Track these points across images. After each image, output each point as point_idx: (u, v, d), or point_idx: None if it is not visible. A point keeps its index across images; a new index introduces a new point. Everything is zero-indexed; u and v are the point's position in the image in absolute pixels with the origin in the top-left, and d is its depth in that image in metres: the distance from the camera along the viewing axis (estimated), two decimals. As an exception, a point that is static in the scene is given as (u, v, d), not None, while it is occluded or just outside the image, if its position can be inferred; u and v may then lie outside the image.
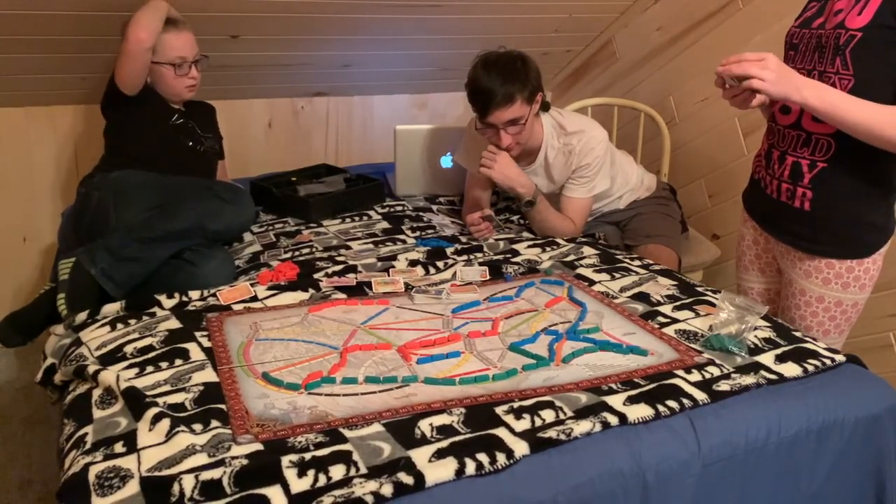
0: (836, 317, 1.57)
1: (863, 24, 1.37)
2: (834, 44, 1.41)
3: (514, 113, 1.95)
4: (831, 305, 1.55)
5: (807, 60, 1.49)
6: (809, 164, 1.49)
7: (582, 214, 2.16)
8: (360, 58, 2.76)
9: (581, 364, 1.38)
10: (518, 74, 1.95)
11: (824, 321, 1.57)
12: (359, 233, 2.16)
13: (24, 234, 2.61)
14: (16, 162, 2.53)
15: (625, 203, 2.30)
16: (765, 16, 2.39)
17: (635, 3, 2.85)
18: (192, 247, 1.81)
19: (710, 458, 1.20)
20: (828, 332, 1.59)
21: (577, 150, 2.08)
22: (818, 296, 1.55)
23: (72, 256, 1.73)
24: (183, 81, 2.07)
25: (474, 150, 2.20)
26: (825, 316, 1.57)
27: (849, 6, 1.41)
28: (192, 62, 2.07)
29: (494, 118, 1.96)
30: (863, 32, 1.37)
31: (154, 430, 1.14)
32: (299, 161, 2.84)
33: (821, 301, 1.56)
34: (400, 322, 1.57)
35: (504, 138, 2.00)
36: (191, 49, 2.07)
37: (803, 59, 1.50)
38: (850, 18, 1.39)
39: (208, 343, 1.44)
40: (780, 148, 1.56)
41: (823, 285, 1.54)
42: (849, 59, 1.39)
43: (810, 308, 1.57)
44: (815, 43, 1.47)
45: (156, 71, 2.03)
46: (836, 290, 1.54)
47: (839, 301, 1.55)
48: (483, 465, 1.07)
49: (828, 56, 1.43)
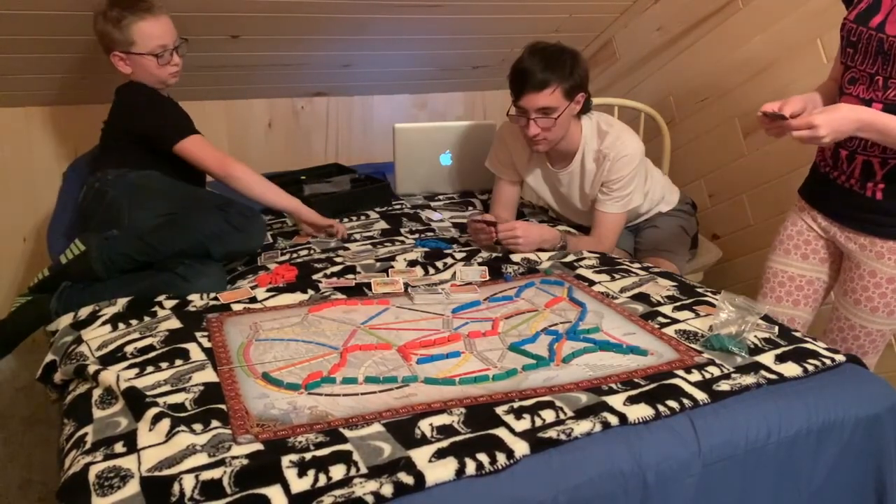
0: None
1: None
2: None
3: (546, 101, 1.90)
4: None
5: (868, 63, 1.50)
6: (881, 161, 1.52)
7: (615, 231, 2.09)
8: (360, 58, 2.76)
9: (581, 364, 1.38)
10: (561, 65, 1.91)
11: (891, 301, 1.61)
12: (357, 234, 2.16)
13: (24, 234, 2.62)
14: (16, 162, 2.52)
15: (644, 214, 2.29)
16: (765, 16, 2.40)
17: (635, 3, 2.85)
18: (186, 261, 1.76)
19: (711, 458, 1.20)
20: (893, 313, 1.62)
21: (610, 158, 2.03)
22: (889, 276, 1.58)
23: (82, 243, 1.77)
24: (166, 69, 1.98)
25: (505, 156, 2.20)
26: (893, 296, 1.60)
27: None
28: (173, 49, 1.97)
29: (526, 101, 1.91)
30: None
31: (154, 430, 1.14)
32: (299, 161, 2.84)
33: (891, 282, 1.59)
34: (400, 322, 1.57)
35: (532, 127, 1.94)
36: (170, 35, 1.96)
37: (864, 60, 1.50)
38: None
39: (208, 343, 1.44)
40: (847, 147, 1.56)
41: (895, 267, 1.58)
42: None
43: (880, 289, 1.60)
44: (877, 47, 1.47)
45: (137, 62, 1.94)
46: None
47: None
48: (483, 465, 1.07)
49: (893, 63, 1.45)
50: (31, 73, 2.34)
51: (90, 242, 1.76)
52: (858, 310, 1.63)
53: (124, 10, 1.90)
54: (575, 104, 1.97)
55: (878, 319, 1.62)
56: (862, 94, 1.51)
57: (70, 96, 2.50)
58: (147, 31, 1.92)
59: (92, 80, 2.38)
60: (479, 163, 2.34)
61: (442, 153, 2.51)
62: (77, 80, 2.41)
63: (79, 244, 1.77)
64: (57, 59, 2.29)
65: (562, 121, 1.95)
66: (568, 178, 2.13)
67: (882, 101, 1.48)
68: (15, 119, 2.49)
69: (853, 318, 1.65)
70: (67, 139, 2.58)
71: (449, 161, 2.52)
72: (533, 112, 1.93)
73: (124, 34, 1.90)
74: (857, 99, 1.52)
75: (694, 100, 2.71)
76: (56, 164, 2.56)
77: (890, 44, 1.44)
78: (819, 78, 1.73)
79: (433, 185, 2.57)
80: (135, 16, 1.90)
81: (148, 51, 1.93)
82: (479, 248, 2.03)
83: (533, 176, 2.22)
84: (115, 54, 1.94)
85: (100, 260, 1.74)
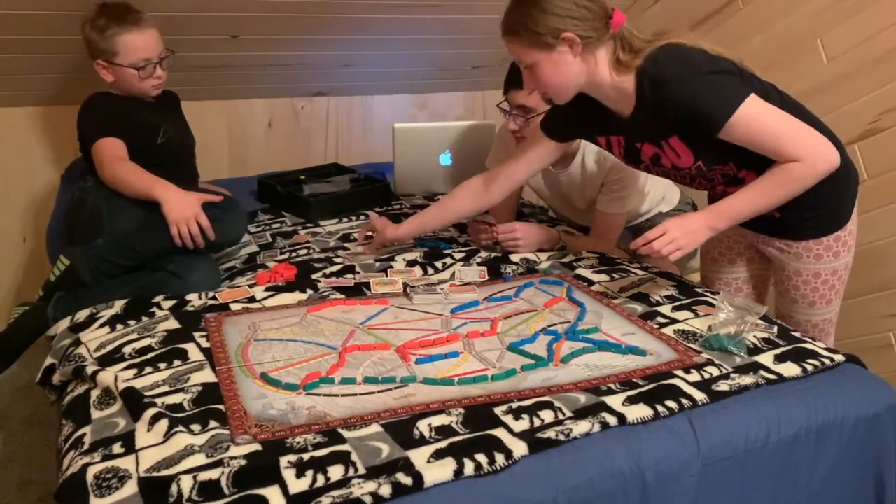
0: (834, 285, 1.66)
1: (692, 161, 1.54)
2: (690, 175, 1.59)
3: (526, 99, 1.92)
4: (829, 276, 1.63)
5: (675, 179, 1.67)
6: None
7: (615, 231, 2.10)
8: (360, 58, 2.76)
9: (580, 364, 1.38)
10: None
11: (826, 293, 1.64)
12: (357, 234, 2.16)
13: (24, 234, 2.62)
14: (16, 162, 2.53)
15: (644, 214, 2.29)
16: (765, 16, 2.39)
17: (635, 3, 2.85)
18: (175, 258, 1.77)
19: (710, 458, 1.20)
20: (830, 302, 1.66)
21: (611, 158, 2.00)
22: (815, 272, 1.62)
23: (69, 257, 1.78)
24: (148, 82, 1.97)
25: (504, 156, 2.19)
26: (825, 288, 1.64)
27: (662, 153, 1.56)
28: (156, 63, 1.96)
29: (510, 97, 1.97)
30: (701, 160, 1.53)
31: (152, 431, 1.14)
32: (299, 161, 2.85)
33: (818, 276, 1.62)
34: (399, 322, 1.57)
35: (510, 122, 1.99)
36: (155, 48, 1.94)
37: (669, 177, 1.68)
38: (678, 162, 1.55)
39: (207, 343, 1.44)
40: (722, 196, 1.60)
41: (816, 261, 1.61)
42: (715, 170, 1.56)
43: (809, 285, 1.64)
44: (665, 174, 1.64)
45: (119, 72, 1.94)
46: (829, 262, 1.61)
47: (834, 270, 1.62)
48: (482, 466, 1.07)
49: (693, 179, 1.61)
50: (31, 73, 2.35)
51: (74, 256, 1.78)
52: (797, 307, 1.68)
53: (111, 20, 1.90)
54: None
55: (817, 311, 1.67)
56: (700, 188, 1.65)
57: (70, 96, 2.50)
58: (131, 44, 1.91)
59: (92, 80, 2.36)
60: (479, 163, 2.33)
61: (442, 153, 2.51)
62: (77, 80, 2.41)
63: (63, 260, 1.79)
64: (57, 59, 2.29)
65: (538, 123, 1.95)
66: (568, 179, 2.13)
67: (721, 184, 1.60)
68: (15, 119, 2.49)
69: (796, 315, 1.70)
70: (67, 139, 2.57)
71: (449, 161, 2.52)
72: (513, 108, 1.97)
73: (108, 44, 1.90)
74: (698, 189, 1.67)
75: (694, 100, 2.70)
76: (56, 165, 2.56)
77: (674, 174, 1.61)
78: (819, 78, 1.73)
79: (433, 185, 2.57)
80: (120, 27, 1.89)
81: (129, 63, 1.92)
82: (478, 249, 2.03)
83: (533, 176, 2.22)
84: (98, 63, 1.95)
85: (87, 271, 1.76)
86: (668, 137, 1.52)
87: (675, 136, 1.51)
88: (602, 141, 1.71)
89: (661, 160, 1.57)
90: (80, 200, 1.91)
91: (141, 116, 2.00)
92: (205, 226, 1.76)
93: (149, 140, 1.99)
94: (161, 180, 1.81)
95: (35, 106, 2.51)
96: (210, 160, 2.60)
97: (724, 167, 1.54)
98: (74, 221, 1.92)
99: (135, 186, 1.81)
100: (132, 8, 1.94)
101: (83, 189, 1.93)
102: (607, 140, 1.69)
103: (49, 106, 2.53)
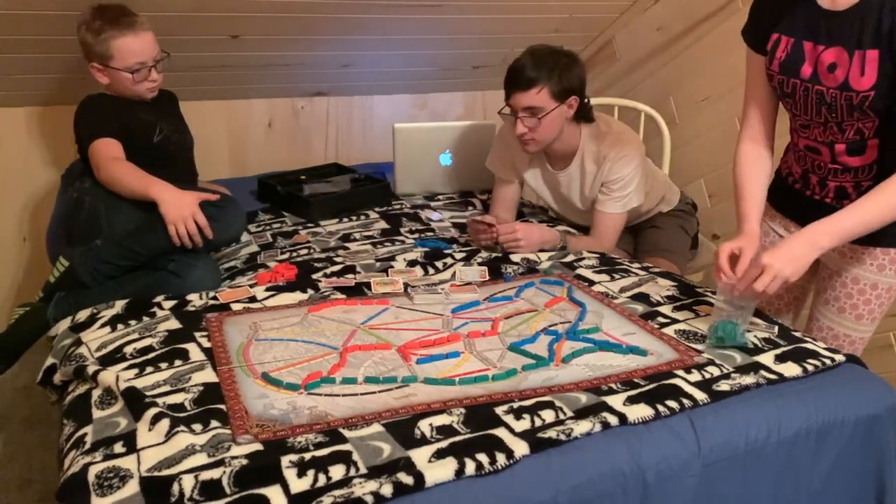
0: (884, 303, 1.58)
1: (871, 84, 1.35)
2: (846, 104, 1.40)
3: (532, 100, 1.90)
4: (883, 292, 1.56)
5: (814, 112, 1.46)
6: (854, 184, 1.49)
7: (614, 231, 2.09)
8: (360, 58, 2.76)
9: (581, 364, 1.38)
10: (551, 66, 1.90)
11: (875, 308, 1.58)
12: (357, 234, 2.16)
13: (24, 234, 2.62)
14: (16, 162, 2.52)
15: (644, 214, 2.29)
16: (765, 16, 2.39)
17: (635, 3, 2.85)
18: (174, 257, 1.77)
19: (710, 457, 1.20)
20: (875, 320, 1.60)
21: (610, 158, 2.02)
22: (872, 283, 1.55)
23: (67, 259, 1.79)
24: (143, 85, 1.96)
25: (505, 157, 2.20)
26: (877, 303, 1.57)
27: (844, 64, 1.37)
28: (151, 66, 1.94)
29: (514, 100, 1.93)
30: (875, 91, 1.35)
31: (154, 431, 1.14)
32: (299, 161, 2.84)
33: (875, 287, 1.56)
34: (400, 322, 1.57)
35: (518, 126, 1.95)
36: (150, 51, 1.93)
37: (807, 110, 1.47)
38: (854, 80, 1.37)
39: (208, 343, 1.44)
40: (818, 174, 1.54)
41: (878, 272, 1.54)
42: (870, 111, 1.38)
43: (864, 296, 1.57)
44: (817, 99, 1.44)
45: (114, 75, 1.93)
46: (889, 277, 1.54)
47: (890, 286, 1.56)
48: (483, 466, 1.07)
49: (840, 112, 1.41)
50: (30, 73, 2.34)
51: (73, 257, 1.79)
52: (843, 318, 1.60)
53: (106, 23, 1.89)
54: (567, 107, 1.95)
55: (861, 327, 1.59)
56: (819, 138, 1.49)
57: (69, 96, 2.49)
58: (126, 48, 1.89)
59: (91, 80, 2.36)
60: (479, 163, 2.34)
61: (442, 153, 2.51)
62: (76, 80, 2.41)
63: (63, 261, 1.80)
64: (57, 59, 2.29)
65: (549, 122, 1.94)
66: (568, 179, 2.13)
67: (844, 141, 1.46)
68: (15, 119, 2.49)
69: (837, 328, 1.61)
70: (67, 139, 2.55)
71: (449, 161, 2.52)
72: (520, 111, 1.94)
73: (103, 47, 1.89)
74: (815, 142, 1.50)
75: (694, 100, 2.70)
76: (56, 165, 2.56)
77: (832, 96, 1.41)
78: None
79: (433, 185, 2.57)
80: (116, 30, 1.88)
81: (124, 67, 1.91)
82: (478, 249, 2.03)
83: (533, 176, 2.22)
84: (93, 65, 1.94)
85: (86, 272, 1.77)
86: (868, 49, 1.35)
87: (878, 49, 1.34)
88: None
89: (836, 71, 1.38)
90: (78, 202, 1.91)
91: (136, 116, 2.00)
92: (202, 225, 1.76)
93: (145, 139, 1.99)
94: (158, 180, 1.80)
95: (35, 106, 2.51)
96: (210, 160, 2.60)
97: (875, 114, 1.39)
98: (73, 223, 1.92)
99: (131, 187, 1.80)
100: (127, 10, 1.93)
101: (81, 190, 1.93)
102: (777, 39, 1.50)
103: (49, 106, 2.52)
